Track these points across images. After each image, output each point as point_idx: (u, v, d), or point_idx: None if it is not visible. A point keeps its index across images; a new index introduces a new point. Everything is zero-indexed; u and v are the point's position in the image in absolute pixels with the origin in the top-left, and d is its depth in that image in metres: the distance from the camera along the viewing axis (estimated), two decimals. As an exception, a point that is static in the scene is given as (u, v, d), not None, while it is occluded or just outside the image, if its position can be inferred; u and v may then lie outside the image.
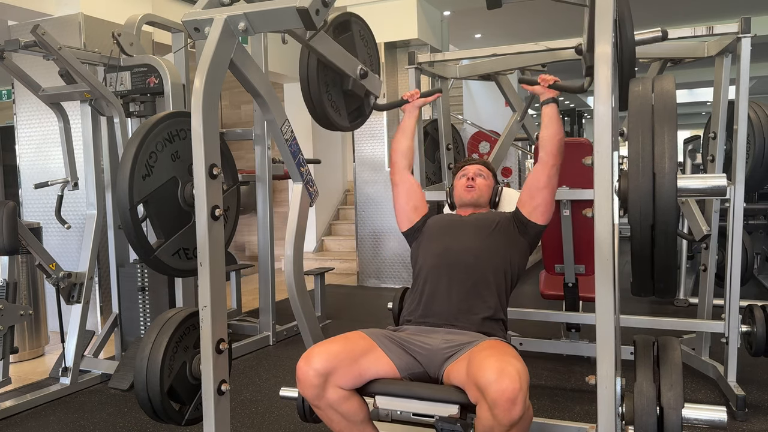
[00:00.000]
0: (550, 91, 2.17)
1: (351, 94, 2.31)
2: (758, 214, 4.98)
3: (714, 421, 1.58)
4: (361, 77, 2.26)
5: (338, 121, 2.29)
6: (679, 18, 7.42)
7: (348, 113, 2.36)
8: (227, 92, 7.38)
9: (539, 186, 2.12)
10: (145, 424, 2.71)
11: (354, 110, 2.40)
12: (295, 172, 2.27)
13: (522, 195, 2.18)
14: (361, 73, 2.25)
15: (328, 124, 2.27)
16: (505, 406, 1.52)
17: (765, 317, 2.59)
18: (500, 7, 1.91)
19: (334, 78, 2.24)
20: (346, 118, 2.35)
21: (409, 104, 2.43)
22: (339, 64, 2.14)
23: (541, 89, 2.18)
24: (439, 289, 2.05)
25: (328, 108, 2.23)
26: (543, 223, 2.15)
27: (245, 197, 5.61)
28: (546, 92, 2.17)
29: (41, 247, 3.03)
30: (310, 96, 2.17)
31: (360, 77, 2.25)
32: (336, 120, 2.28)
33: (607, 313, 1.52)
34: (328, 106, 2.23)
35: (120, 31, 3.27)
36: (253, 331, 4.07)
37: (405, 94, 2.45)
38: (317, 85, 2.16)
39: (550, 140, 2.11)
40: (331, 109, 2.25)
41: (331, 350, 1.77)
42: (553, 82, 2.16)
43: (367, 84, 2.30)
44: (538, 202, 2.12)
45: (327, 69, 2.19)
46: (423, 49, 5.69)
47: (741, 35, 2.57)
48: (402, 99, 2.45)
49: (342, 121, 2.32)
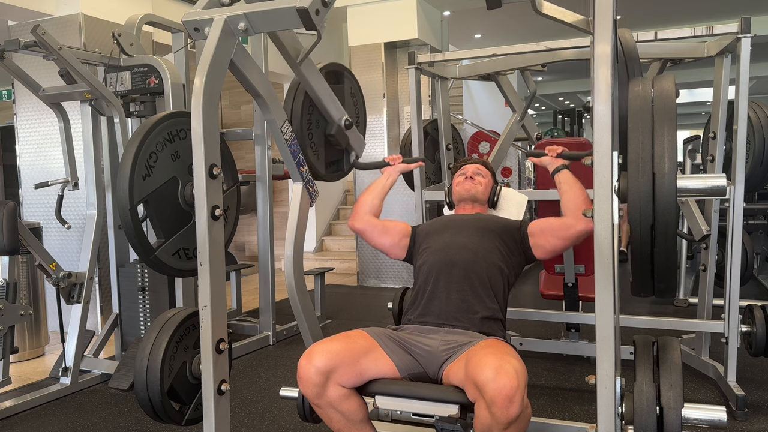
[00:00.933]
0: (559, 160, 2.18)
1: (333, 143, 2.31)
2: (758, 214, 4.98)
3: (714, 421, 1.58)
4: (346, 127, 2.26)
5: (315, 165, 2.29)
6: (679, 18, 7.42)
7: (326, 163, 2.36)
8: (227, 92, 7.38)
9: (556, 235, 2.06)
10: (145, 424, 2.71)
11: (332, 162, 2.40)
12: (295, 172, 2.27)
13: (537, 225, 2.14)
14: (346, 123, 2.26)
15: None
16: (502, 404, 1.52)
17: (765, 317, 2.59)
18: (500, 7, 1.91)
19: (318, 120, 2.24)
20: (323, 164, 2.35)
21: (389, 167, 2.43)
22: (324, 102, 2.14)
23: (549, 160, 2.20)
24: (438, 288, 2.05)
25: (308, 148, 2.24)
26: (538, 258, 2.16)
27: (245, 197, 5.62)
28: (554, 162, 2.18)
29: (41, 247, 3.03)
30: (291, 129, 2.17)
31: (345, 127, 2.25)
32: (313, 163, 2.28)
33: (606, 313, 1.52)
34: (307, 146, 2.24)
35: (120, 31, 3.27)
36: (253, 331, 4.07)
37: (387, 157, 2.45)
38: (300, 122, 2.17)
39: (573, 203, 2.04)
40: (310, 151, 2.25)
41: (332, 348, 1.76)
42: (561, 152, 2.19)
43: (350, 135, 2.31)
44: (545, 244, 2.10)
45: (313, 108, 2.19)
46: (423, 49, 5.70)
47: (741, 35, 2.57)
48: (383, 161, 2.45)
49: (319, 167, 2.33)
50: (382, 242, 2.28)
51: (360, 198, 2.36)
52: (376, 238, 2.28)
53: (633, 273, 1.56)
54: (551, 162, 2.19)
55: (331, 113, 2.19)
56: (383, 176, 2.40)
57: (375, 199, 2.33)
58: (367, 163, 2.54)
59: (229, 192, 2.60)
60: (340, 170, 2.46)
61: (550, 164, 2.19)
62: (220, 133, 3.15)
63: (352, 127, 2.29)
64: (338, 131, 2.25)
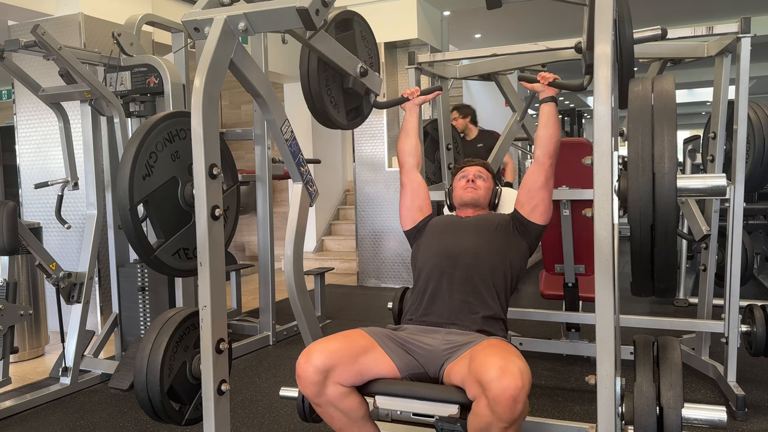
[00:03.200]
0: (550, 88, 2.17)
1: (351, 92, 2.31)
2: (758, 214, 4.98)
3: (714, 421, 1.58)
4: (362, 75, 2.26)
5: (337, 118, 2.29)
6: (679, 18, 7.42)
7: (347, 111, 2.36)
8: (227, 92, 7.38)
9: (537, 186, 2.11)
10: (145, 424, 2.71)
11: (353, 109, 2.40)
12: (295, 172, 2.27)
13: (519, 196, 2.18)
14: (362, 71, 2.25)
15: (327, 122, 2.27)
16: (506, 403, 1.52)
17: (765, 317, 2.59)
18: (500, 7, 1.91)
19: (334, 75, 2.24)
20: (344, 116, 2.35)
21: (409, 102, 2.43)
22: (339, 63, 2.14)
23: (541, 87, 2.19)
24: (439, 289, 2.05)
25: (328, 105, 2.23)
26: (543, 223, 2.15)
27: (245, 197, 5.61)
28: (545, 90, 2.17)
29: (41, 247, 3.03)
30: (310, 93, 2.17)
31: (360, 75, 2.25)
32: (335, 117, 2.28)
33: (607, 313, 1.52)
34: (327, 103, 2.23)
35: (120, 31, 3.27)
36: (253, 331, 4.07)
37: (405, 91, 2.45)
38: (317, 82, 2.17)
39: (548, 139, 2.11)
40: (330, 107, 2.25)
41: (330, 347, 1.76)
42: (552, 80, 2.16)
43: (367, 82, 2.30)
44: (536, 202, 2.12)
45: (327, 66, 2.19)
46: (423, 49, 5.70)
47: (741, 35, 2.57)
48: (402, 97, 2.45)
49: (341, 118, 2.32)
50: (404, 201, 2.33)
51: (398, 147, 2.40)
52: (405, 194, 2.33)
53: (633, 273, 1.56)
54: (542, 89, 2.19)
55: (346, 69, 2.18)
56: (408, 114, 2.43)
57: (411, 139, 2.39)
58: (388, 101, 2.55)
59: (229, 192, 2.60)
60: (360, 115, 2.46)
61: (542, 91, 2.19)
62: (220, 133, 3.15)
63: (367, 73, 2.29)
64: (355, 82, 2.25)
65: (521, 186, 2.18)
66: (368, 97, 2.41)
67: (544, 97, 2.17)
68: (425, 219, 2.30)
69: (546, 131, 2.12)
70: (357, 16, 2.40)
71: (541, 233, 2.18)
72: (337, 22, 2.28)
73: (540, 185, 2.11)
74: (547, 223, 2.17)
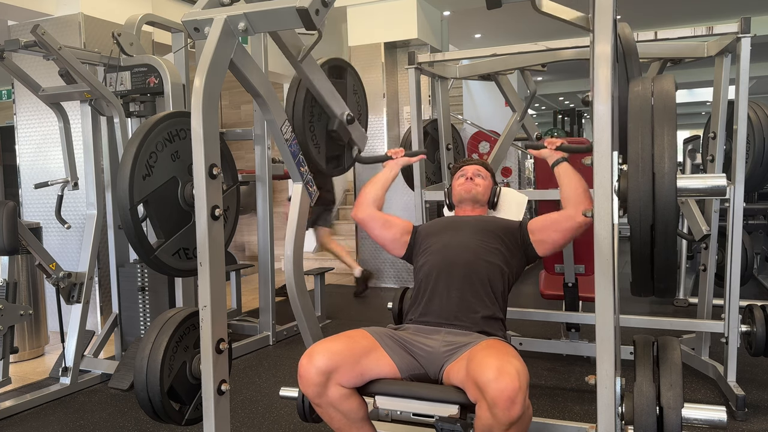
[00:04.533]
0: (558, 152, 2.18)
1: (334, 137, 2.31)
2: (758, 214, 4.99)
3: (714, 421, 1.58)
4: (348, 122, 2.26)
5: (317, 159, 2.30)
6: (679, 18, 7.42)
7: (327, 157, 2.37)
8: (227, 92, 7.38)
9: (557, 229, 2.07)
10: (145, 424, 2.71)
11: (334, 156, 2.41)
12: (295, 172, 2.27)
13: (538, 222, 2.14)
14: (348, 118, 2.26)
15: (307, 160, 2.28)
16: (504, 405, 1.52)
17: (765, 317, 2.59)
18: (500, 7, 1.91)
19: (320, 114, 2.24)
20: (324, 159, 2.35)
21: (391, 161, 2.43)
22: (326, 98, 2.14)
23: (548, 152, 2.20)
24: (437, 287, 2.05)
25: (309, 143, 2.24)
26: (541, 255, 2.15)
27: (245, 197, 5.61)
28: (553, 155, 2.18)
29: (41, 247, 3.03)
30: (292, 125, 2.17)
31: (347, 122, 2.25)
32: (315, 158, 2.29)
33: (606, 313, 1.52)
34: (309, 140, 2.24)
35: (120, 31, 3.27)
36: (253, 331, 4.07)
37: (389, 151, 2.46)
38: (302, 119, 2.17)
39: (573, 194, 2.06)
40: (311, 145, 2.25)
41: (333, 348, 1.76)
42: (559, 144, 2.18)
43: (352, 131, 2.31)
44: (546, 239, 2.10)
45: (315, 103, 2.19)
46: (423, 49, 5.69)
47: (741, 35, 2.57)
48: (386, 155, 2.46)
49: (320, 161, 2.33)
50: (384, 236, 2.28)
51: (363, 190, 2.37)
52: (378, 230, 2.29)
53: (633, 273, 1.56)
54: (550, 154, 2.19)
55: (332, 109, 2.19)
56: (386, 169, 2.41)
57: (378, 191, 2.35)
58: (370, 157, 2.55)
59: (229, 192, 2.60)
60: (341, 165, 2.46)
61: (550, 157, 2.19)
62: (220, 133, 3.15)
63: (354, 122, 2.29)
64: (340, 126, 2.25)
65: (546, 216, 2.13)
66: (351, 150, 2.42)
67: (555, 160, 2.17)
68: (413, 235, 2.29)
69: (567, 189, 2.08)
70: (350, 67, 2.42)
71: (536, 260, 2.18)
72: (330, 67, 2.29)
73: (559, 230, 2.06)
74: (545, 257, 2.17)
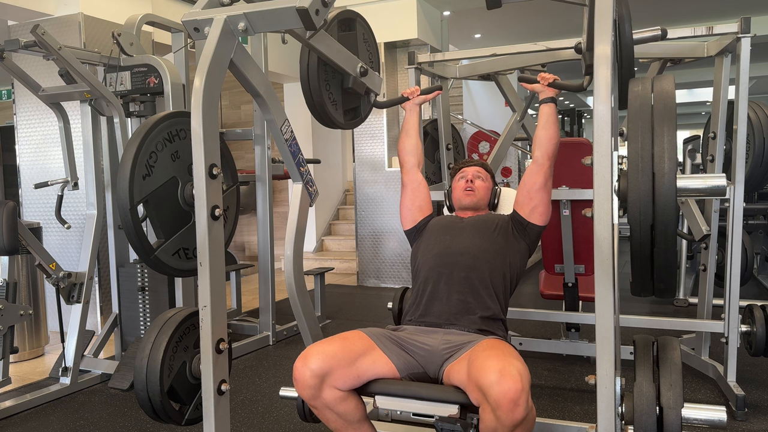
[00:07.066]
0: (550, 89, 2.17)
1: (350, 92, 2.30)
2: (758, 214, 4.99)
3: (714, 421, 1.58)
4: (362, 75, 2.25)
5: (336, 117, 2.29)
6: (679, 18, 7.42)
7: (345, 111, 2.36)
8: (227, 92, 7.38)
9: (536, 187, 2.11)
10: (145, 424, 2.71)
11: (351, 109, 2.40)
12: (295, 172, 2.27)
13: (518, 197, 2.17)
14: (362, 71, 2.25)
15: (326, 120, 2.27)
16: (507, 407, 1.52)
17: (765, 317, 2.59)
18: (500, 7, 1.91)
19: (334, 74, 2.24)
20: (342, 115, 2.35)
21: (409, 101, 2.43)
22: (339, 63, 2.14)
23: (541, 87, 2.18)
24: (438, 289, 2.05)
25: (327, 103, 2.23)
26: (542, 224, 2.15)
27: (245, 197, 5.62)
28: (545, 90, 2.17)
29: (41, 247, 3.03)
30: (309, 91, 2.16)
31: (360, 75, 2.25)
32: (334, 116, 2.27)
33: (606, 313, 1.52)
34: (327, 100, 2.23)
35: (120, 31, 3.27)
36: (253, 331, 4.07)
37: (405, 91, 2.45)
38: (317, 80, 2.16)
39: (547, 141, 2.11)
40: (329, 105, 2.25)
41: (328, 351, 1.76)
42: (552, 81, 2.16)
43: (367, 81, 2.30)
44: (535, 203, 2.12)
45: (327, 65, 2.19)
46: (423, 49, 5.70)
47: (741, 35, 2.57)
48: (402, 96, 2.45)
49: (339, 117, 2.32)
50: (404, 201, 2.33)
51: (399, 147, 2.40)
52: (406, 193, 2.33)
53: (633, 273, 1.56)
54: (543, 90, 2.19)
55: (345, 68, 2.18)
56: (407, 115, 2.42)
57: (411, 139, 2.39)
58: (387, 101, 2.54)
59: (229, 192, 2.60)
60: (359, 116, 2.46)
61: (541, 92, 2.19)
62: (220, 133, 3.15)
63: (367, 73, 2.28)
64: (355, 82, 2.25)
65: (520, 187, 2.17)
66: (368, 97, 2.41)
67: (544, 97, 2.16)
68: (425, 219, 2.30)
69: (545, 132, 2.12)
70: (359, 17, 2.40)
71: (540, 234, 2.18)
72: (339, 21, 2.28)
73: (539, 186, 2.11)
74: (547, 224, 2.16)
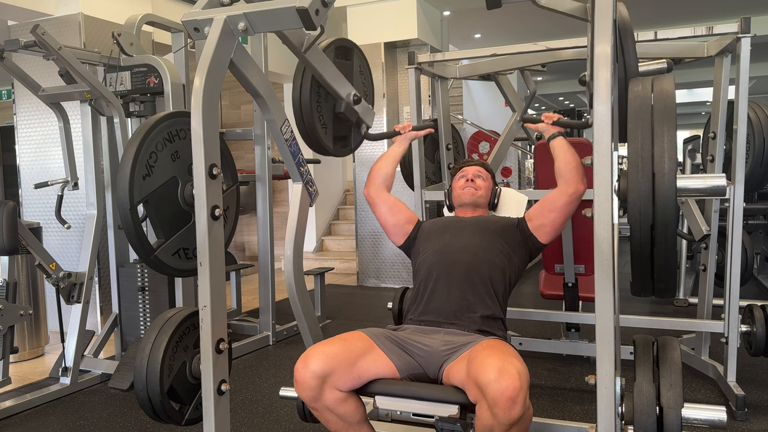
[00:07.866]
0: (554, 127, 2.19)
1: (342, 118, 2.31)
2: (758, 214, 4.99)
3: (714, 421, 1.58)
4: (355, 102, 2.25)
5: (325, 142, 2.30)
6: (679, 18, 7.42)
7: (335, 137, 2.36)
8: (227, 92, 7.38)
9: (552, 208, 2.10)
10: (145, 424, 2.71)
11: (342, 137, 2.41)
12: (295, 172, 2.27)
13: (533, 209, 2.17)
14: (355, 98, 2.25)
15: (316, 144, 2.29)
16: (505, 405, 1.52)
17: (765, 317, 2.60)
18: (500, 7, 1.91)
19: (327, 98, 2.24)
20: (332, 141, 2.35)
21: (400, 136, 2.44)
22: (331, 83, 2.14)
23: (545, 126, 2.20)
24: (438, 287, 2.05)
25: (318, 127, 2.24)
26: (544, 242, 2.15)
27: (245, 197, 5.61)
28: (550, 129, 2.19)
29: (41, 247, 3.03)
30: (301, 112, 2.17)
31: (353, 102, 2.25)
32: (323, 140, 2.29)
33: (606, 313, 1.52)
34: (317, 124, 2.24)
35: (120, 31, 3.27)
36: (253, 331, 4.07)
37: (397, 126, 2.47)
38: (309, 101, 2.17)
39: (565, 168, 2.09)
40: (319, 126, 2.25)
41: (328, 352, 1.76)
42: (557, 119, 2.18)
43: (359, 110, 2.30)
44: (545, 222, 2.12)
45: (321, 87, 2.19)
46: (423, 49, 5.70)
47: (741, 35, 2.57)
48: (394, 130, 2.47)
49: (329, 143, 2.33)
50: (388, 219, 2.30)
51: (374, 166, 2.38)
52: (384, 213, 2.31)
53: (633, 273, 1.56)
54: (547, 128, 2.20)
55: (338, 92, 2.18)
56: (395, 144, 2.42)
57: (388, 167, 2.37)
58: (378, 133, 2.55)
59: (229, 192, 2.60)
60: (348, 145, 2.46)
61: (546, 131, 2.20)
62: (220, 133, 3.15)
63: (360, 101, 2.29)
64: (347, 108, 2.25)
65: (539, 201, 2.16)
66: (359, 129, 2.42)
67: (551, 134, 2.17)
68: (416, 227, 2.30)
69: (560, 162, 2.10)
70: (357, 48, 2.41)
71: (540, 250, 2.19)
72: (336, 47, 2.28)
73: (555, 208, 2.09)
74: (548, 244, 2.16)
